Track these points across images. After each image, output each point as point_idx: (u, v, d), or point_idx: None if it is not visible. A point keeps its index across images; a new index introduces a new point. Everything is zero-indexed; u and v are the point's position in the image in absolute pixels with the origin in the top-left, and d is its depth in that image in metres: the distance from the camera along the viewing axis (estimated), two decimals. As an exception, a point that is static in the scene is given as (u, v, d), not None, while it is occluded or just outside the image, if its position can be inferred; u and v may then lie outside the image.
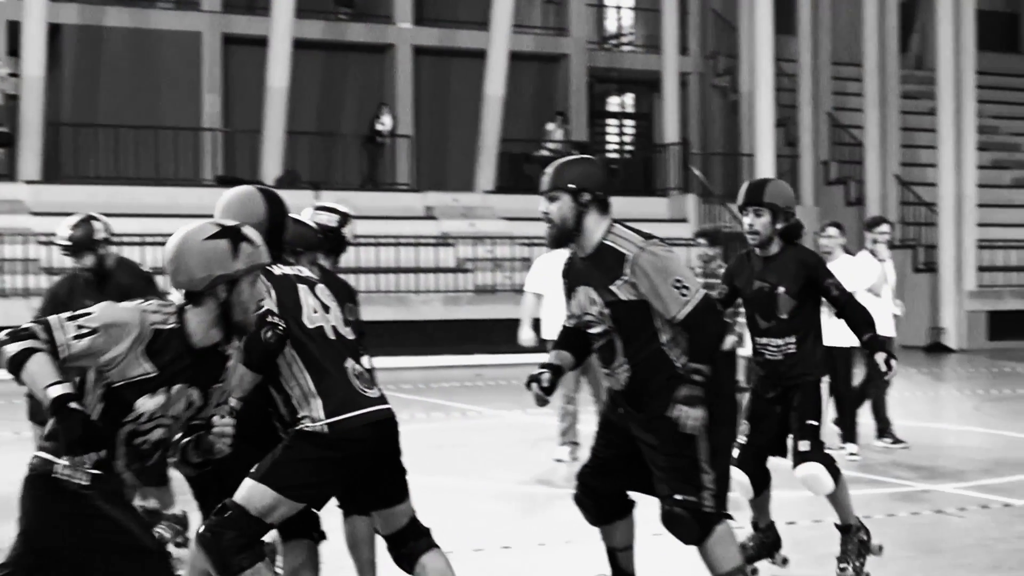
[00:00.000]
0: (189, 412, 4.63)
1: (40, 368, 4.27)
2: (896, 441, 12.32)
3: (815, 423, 6.90)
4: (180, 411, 4.59)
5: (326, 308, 5.33)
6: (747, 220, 6.95)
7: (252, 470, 5.08)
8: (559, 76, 31.71)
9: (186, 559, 5.83)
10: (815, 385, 7.02)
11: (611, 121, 35.94)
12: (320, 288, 5.40)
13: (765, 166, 27.58)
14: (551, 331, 9.63)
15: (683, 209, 28.43)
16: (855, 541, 7.03)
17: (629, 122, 36.18)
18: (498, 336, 19.85)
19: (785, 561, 7.25)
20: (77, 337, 4.35)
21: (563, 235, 5.75)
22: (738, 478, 6.90)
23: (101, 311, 4.47)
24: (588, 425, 9.57)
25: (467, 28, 29.56)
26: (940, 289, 27.57)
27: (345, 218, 7.19)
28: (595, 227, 5.72)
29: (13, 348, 4.29)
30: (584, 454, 6.90)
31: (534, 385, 5.94)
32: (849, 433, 11.90)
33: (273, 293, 5.20)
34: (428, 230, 26.46)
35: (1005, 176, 32.61)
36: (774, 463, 7.16)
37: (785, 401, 6.99)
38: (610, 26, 35.25)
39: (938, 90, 28.74)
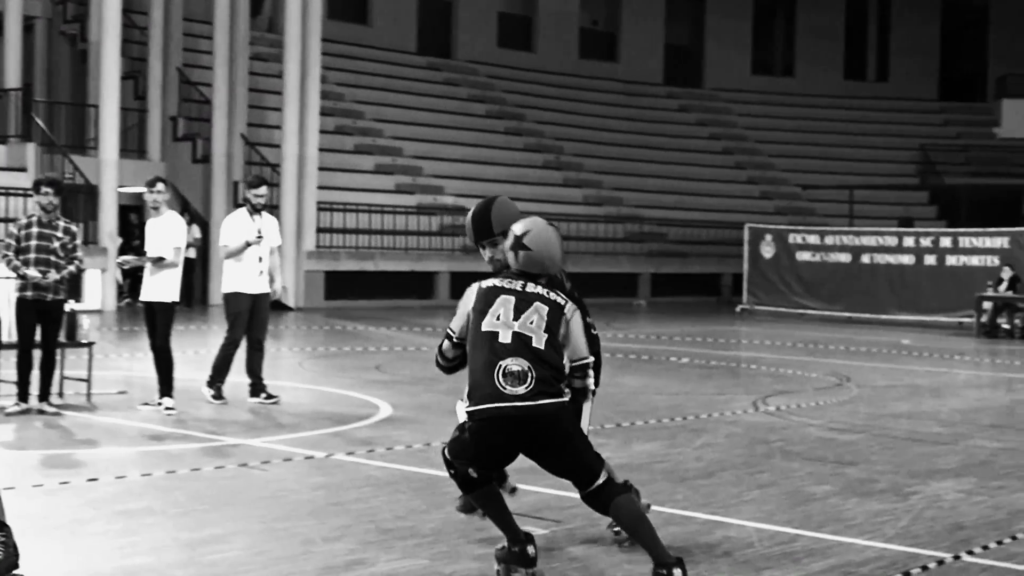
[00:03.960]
0: None
1: None
2: (217, 397, 12.52)
3: None
4: None
5: None
6: (486, 254, 6.83)
7: None
8: None
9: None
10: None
11: (-51, 61, 33.83)
12: None
13: (110, 118, 27.05)
14: None
15: (23, 158, 27.28)
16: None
17: (-32, 64, 34.20)
18: None
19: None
20: None
21: None
22: None
23: None
24: None
25: None
26: (281, 249, 28.18)
27: None
28: None
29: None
30: None
31: None
32: (166, 388, 11.90)
33: None
34: None
35: (348, 142, 33.87)
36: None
37: None
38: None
39: (285, 54, 29.35)
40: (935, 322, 28.42)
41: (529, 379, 6.09)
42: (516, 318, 6.18)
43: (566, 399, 6.21)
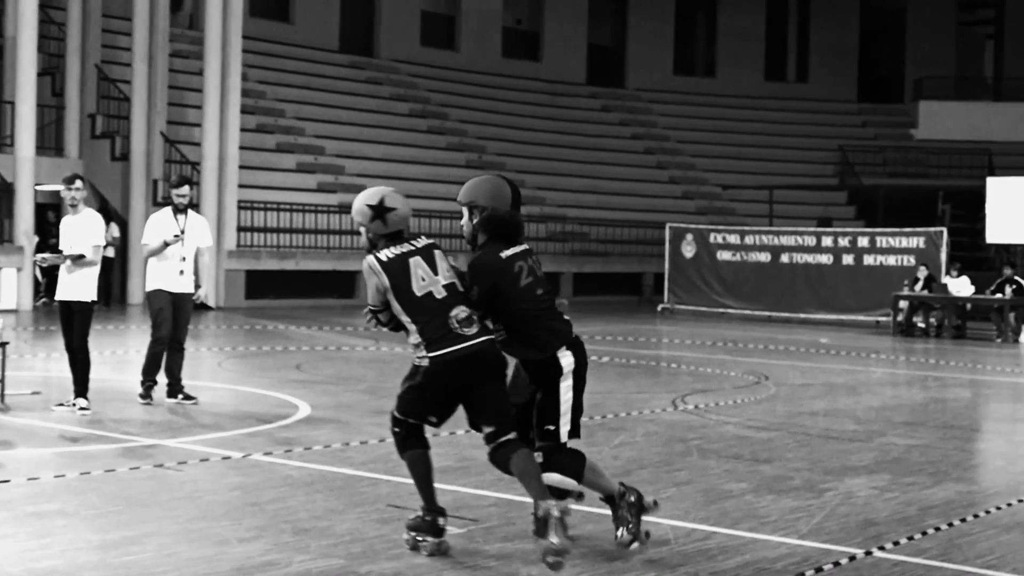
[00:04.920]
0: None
1: None
2: (145, 396, 12.44)
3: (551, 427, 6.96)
4: None
5: None
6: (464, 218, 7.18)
7: None
8: None
9: None
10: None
11: None
12: None
13: (27, 115, 26.72)
14: None
15: (-64, 155, 26.86)
16: (624, 506, 7.05)
17: None
18: None
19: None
20: None
21: None
22: None
23: None
24: None
25: None
26: (211, 250, 27.93)
27: None
28: None
29: None
30: None
31: None
32: (81, 388, 11.78)
33: None
34: None
35: (269, 140, 33.66)
36: None
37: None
38: None
39: (206, 52, 29.12)
40: (853, 321, 28.76)
41: (475, 319, 6.75)
42: (436, 272, 6.79)
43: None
